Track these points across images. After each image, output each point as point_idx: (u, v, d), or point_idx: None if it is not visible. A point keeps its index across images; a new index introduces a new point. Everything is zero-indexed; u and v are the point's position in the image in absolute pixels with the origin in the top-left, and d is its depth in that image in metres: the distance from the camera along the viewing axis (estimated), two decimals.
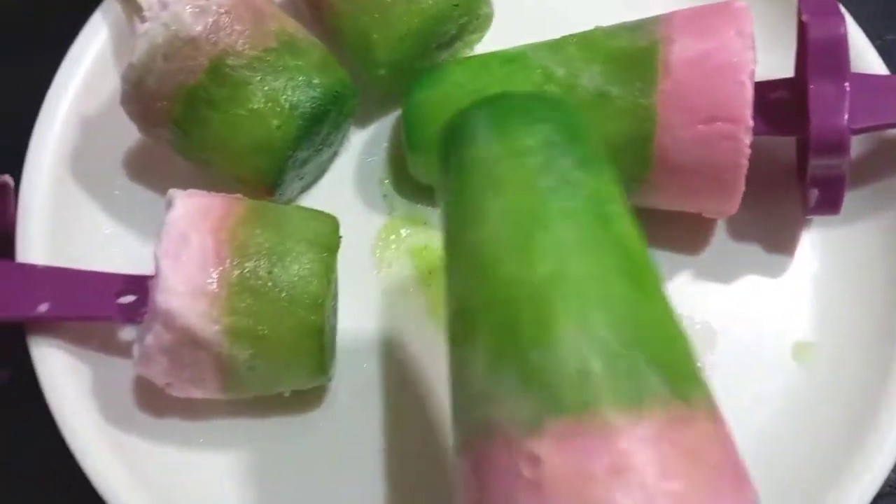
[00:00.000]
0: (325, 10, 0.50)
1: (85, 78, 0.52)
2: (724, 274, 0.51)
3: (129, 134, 0.50)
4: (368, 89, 0.52)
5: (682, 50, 0.46)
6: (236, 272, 0.42)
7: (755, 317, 0.50)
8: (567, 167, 0.36)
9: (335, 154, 0.53)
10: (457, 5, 0.49)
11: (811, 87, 0.46)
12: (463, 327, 0.34)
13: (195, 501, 0.45)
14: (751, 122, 0.45)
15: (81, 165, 0.51)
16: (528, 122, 0.37)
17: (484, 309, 0.33)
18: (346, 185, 0.53)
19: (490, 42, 0.53)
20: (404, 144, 0.50)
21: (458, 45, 0.53)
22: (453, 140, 0.38)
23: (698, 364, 0.34)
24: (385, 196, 0.53)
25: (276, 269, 0.43)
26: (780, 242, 0.52)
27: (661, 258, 0.51)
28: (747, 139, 0.45)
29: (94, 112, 0.52)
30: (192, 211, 0.43)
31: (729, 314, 0.50)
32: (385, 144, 0.54)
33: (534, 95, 0.45)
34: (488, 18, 0.52)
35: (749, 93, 0.45)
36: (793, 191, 0.52)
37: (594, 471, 0.29)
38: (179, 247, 0.42)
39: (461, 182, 0.36)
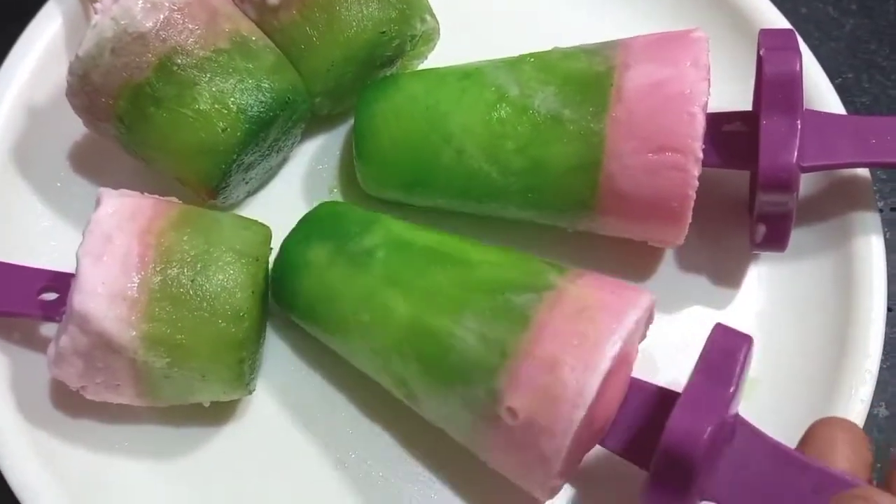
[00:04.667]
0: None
1: (34, 67, 0.52)
2: (669, 304, 0.51)
3: (75, 127, 0.49)
4: None
5: (636, 77, 0.46)
6: (158, 278, 0.41)
7: (697, 350, 0.50)
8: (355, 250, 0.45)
9: (284, 160, 0.53)
10: (384, 32, 0.49)
11: (763, 122, 0.46)
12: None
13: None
14: (700, 154, 0.45)
15: (24, 155, 0.51)
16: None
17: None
18: (293, 192, 0.53)
19: (448, 54, 0.53)
20: (355, 157, 0.50)
21: (403, 60, 0.52)
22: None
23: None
24: None
25: (199, 278, 0.42)
26: (728, 275, 0.52)
27: None
28: (696, 170, 0.45)
29: (42, 102, 0.52)
30: (120, 211, 0.43)
31: (671, 345, 0.49)
32: (336, 153, 0.54)
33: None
34: (431, 33, 0.52)
35: (700, 124, 0.45)
36: (743, 224, 0.52)
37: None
38: (102, 247, 0.41)
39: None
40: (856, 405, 0.46)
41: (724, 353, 0.39)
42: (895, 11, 0.61)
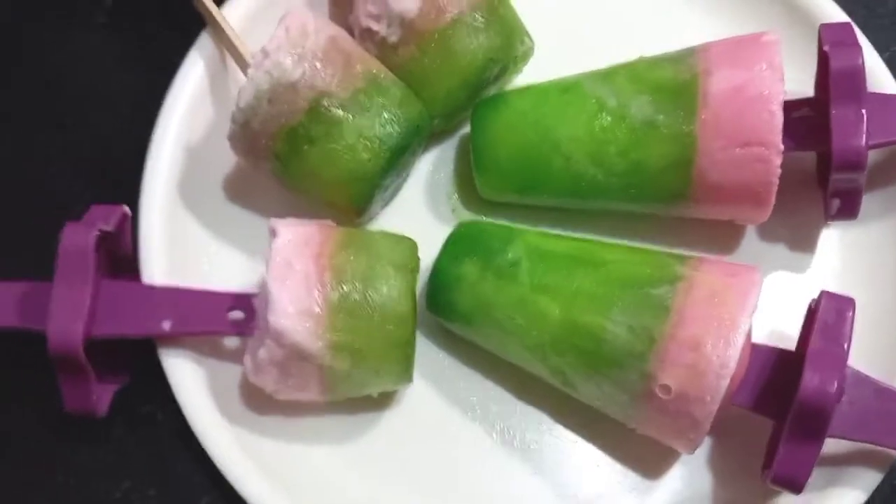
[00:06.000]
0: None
1: (186, 111, 0.58)
2: None
3: (227, 160, 0.57)
4: None
5: (718, 82, 0.52)
6: (336, 294, 0.49)
7: (786, 309, 0.56)
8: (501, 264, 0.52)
9: (408, 174, 0.60)
10: (492, 59, 0.55)
11: (833, 111, 0.52)
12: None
13: (309, 487, 0.53)
14: (781, 147, 0.51)
15: (189, 191, 0.57)
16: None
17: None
18: (419, 200, 0.60)
19: (541, 66, 0.60)
20: (473, 168, 0.57)
21: (504, 79, 0.59)
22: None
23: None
24: (453, 210, 0.59)
25: (369, 291, 0.49)
26: (803, 242, 0.58)
27: None
28: (778, 160, 0.52)
29: (197, 142, 0.58)
30: (295, 239, 0.50)
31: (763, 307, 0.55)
32: (451, 162, 0.60)
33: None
34: (528, 52, 0.58)
35: (779, 120, 0.51)
36: (812, 195, 0.58)
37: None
38: (286, 272, 0.48)
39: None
40: None
41: (836, 316, 0.48)
42: None
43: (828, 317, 0.48)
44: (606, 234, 0.58)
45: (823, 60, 0.55)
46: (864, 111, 0.52)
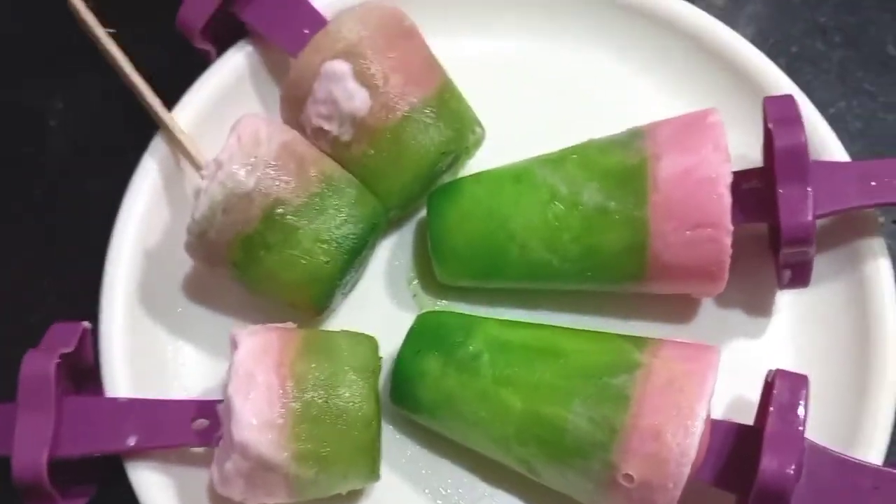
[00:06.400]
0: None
1: (144, 213, 0.58)
2: (711, 338, 0.58)
3: (187, 262, 0.57)
4: None
5: (667, 166, 0.53)
6: (298, 404, 0.49)
7: (743, 375, 0.57)
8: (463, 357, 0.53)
9: (366, 262, 0.60)
10: (444, 152, 0.56)
11: (779, 190, 0.53)
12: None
13: None
14: (730, 227, 0.52)
15: (149, 296, 0.58)
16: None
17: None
18: (379, 288, 0.60)
19: (488, 152, 0.61)
20: (432, 257, 0.57)
21: (457, 166, 0.60)
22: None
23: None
24: (414, 295, 0.60)
25: (331, 399, 0.49)
26: (757, 307, 0.59)
27: (654, 328, 0.59)
28: (728, 240, 0.53)
29: (156, 245, 0.58)
30: (255, 349, 0.50)
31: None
32: (408, 248, 0.61)
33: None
34: (479, 139, 0.59)
35: (727, 201, 0.52)
36: (766, 259, 0.59)
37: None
38: (248, 385, 0.49)
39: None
40: (884, 413, 0.54)
41: (791, 395, 0.49)
42: (875, 39, 0.69)
43: (783, 397, 0.49)
44: (566, 309, 0.59)
45: (769, 134, 0.56)
46: (809, 189, 0.53)
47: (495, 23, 0.65)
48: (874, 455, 0.53)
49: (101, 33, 0.60)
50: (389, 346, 0.56)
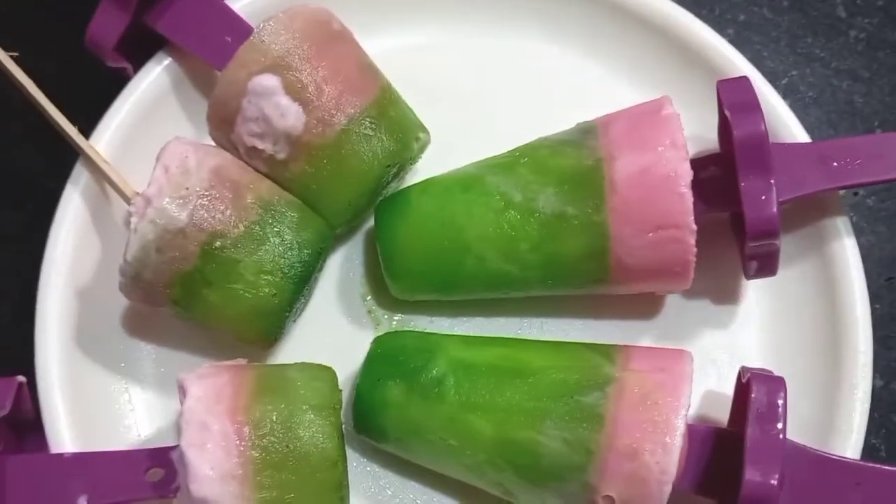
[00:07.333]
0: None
1: (73, 248, 0.54)
2: (678, 332, 0.57)
3: (124, 299, 0.53)
4: None
5: (623, 167, 0.51)
6: (257, 452, 0.46)
7: (713, 369, 0.56)
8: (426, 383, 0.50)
9: (316, 281, 0.57)
10: (388, 165, 0.53)
11: (742, 183, 0.51)
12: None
13: None
14: (693, 226, 0.50)
15: (87, 339, 0.54)
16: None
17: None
18: (332, 307, 0.57)
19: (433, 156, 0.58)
20: (385, 274, 0.54)
21: (403, 173, 0.57)
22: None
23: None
24: (370, 312, 0.57)
25: (291, 442, 0.47)
26: (725, 296, 0.58)
27: (622, 325, 0.57)
28: (692, 239, 0.50)
29: (88, 283, 0.55)
30: (206, 396, 0.47)
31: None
32: (359, 262, 0.58)
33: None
34: (424, 145, 0.56)
35: (689, 200, 0.50)
36: (732, 245, 0.57)
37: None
38: (202, 435, 0.46)
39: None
40: (858, 393, 0.53)
41: (769, 400, 0.47)
42: (824, 1, 0.66)
43: (761, 404, 0.47)
44: (529, 313, 0.57)
45: (725, 120, 0.54)
46: (772, 180, 0.51)
47: (431, 15, 0.61)
48: (854, 439, 0.52)
49: (2, 56, 0.55)
50: (348, 367, 0.54)
